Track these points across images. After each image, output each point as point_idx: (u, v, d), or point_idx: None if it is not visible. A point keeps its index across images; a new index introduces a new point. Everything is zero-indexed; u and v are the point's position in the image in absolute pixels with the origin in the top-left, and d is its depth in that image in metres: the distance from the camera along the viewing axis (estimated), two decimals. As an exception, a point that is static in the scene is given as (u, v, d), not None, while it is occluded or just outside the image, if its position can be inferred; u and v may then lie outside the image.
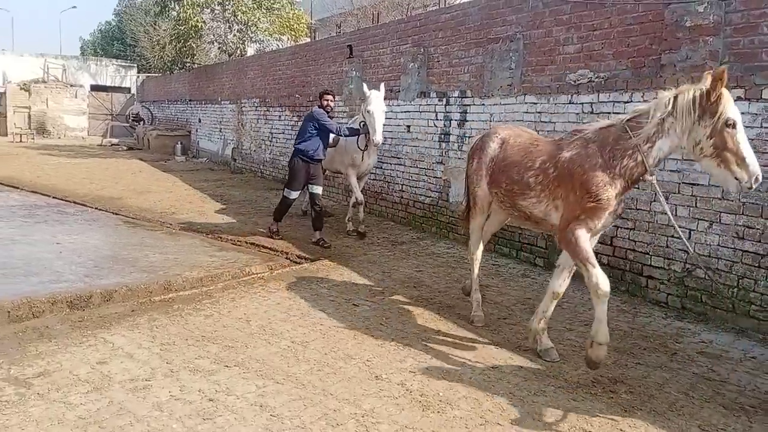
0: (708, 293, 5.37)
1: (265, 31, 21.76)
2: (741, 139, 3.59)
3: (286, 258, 7.26)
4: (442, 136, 8.76)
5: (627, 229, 6.08)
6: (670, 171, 5.64)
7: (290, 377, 3.98)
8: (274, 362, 4.22)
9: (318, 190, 8.03)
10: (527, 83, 7.33)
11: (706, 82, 3.66)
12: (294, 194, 8.06)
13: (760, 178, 3.58)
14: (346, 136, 8.07)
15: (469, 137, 8.22)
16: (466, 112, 8.32)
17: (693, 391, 3.83)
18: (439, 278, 6.49)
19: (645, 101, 5.86)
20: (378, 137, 7.79)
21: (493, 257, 7.53)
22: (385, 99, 7.99)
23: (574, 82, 6.66)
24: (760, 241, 4.98)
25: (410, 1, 19.56)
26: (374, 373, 4.07)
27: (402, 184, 9.68)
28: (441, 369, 4.17)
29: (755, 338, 4.85)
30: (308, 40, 20.22)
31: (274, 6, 21.66)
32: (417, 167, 9.32)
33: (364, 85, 8.18)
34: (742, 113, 5.05)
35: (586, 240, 4.04)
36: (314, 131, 7.83)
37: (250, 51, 22.56)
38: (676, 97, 3.75)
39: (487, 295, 5.88)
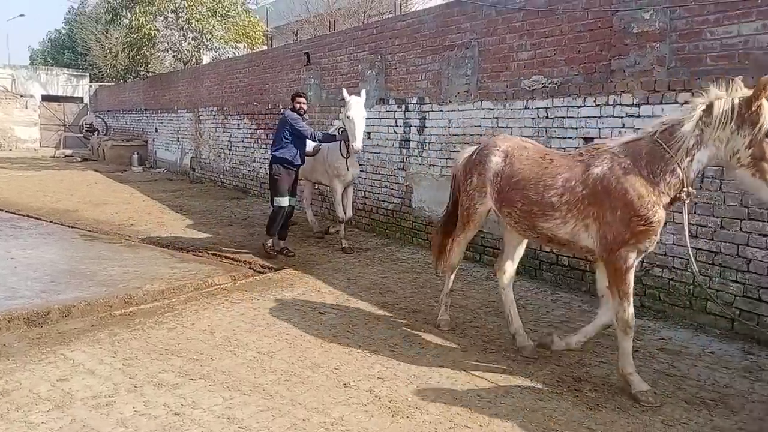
0: (666, 291, 5.54)
1: (220, 38, 21.55)
2: None
3: (250, 268, 7.20)
4: (403, 142, 8.83)
5: (585, 229, 6.23)
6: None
7: (257, 388, 3.96)
8: (240, 373, 4.18)
9: (294, 201, 7.85)
10: (483, 89, 7.46)
11: (740, 89, 3.54)
12: (285, 201, 7.64)
13: None
14: (321, 141, 7.81)
15: (429, 143, 8.31)
16: (425, 119, 8.40)
17: (655, 387, 3.95)
18: (404, 284, 6.53)
19: (597, 105, 6.06)
20: (357, 144, 7.45)
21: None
22: (345, 106, 7.98)
23: (529, 87, 6.81)
24: (712, 239, 5.17)
25: (366, 9, 19.65)
26: (342, 381, 4.08)
27: (365, 191, 9.70)
28: (409, 374, 4.20)
29: (713, 334, 5.02)
30: (265, 47, 20.11)
31: (230, 14, 21.46)
32: (379, 174, 9.36)
33: (344, 91, 7.84)
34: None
35: (633, 269, 3.87)
36: (289, 137, 7.58)
37: (206, 59, 22.29)
38: (710, 106, 3.58)
39: (453, 299, 5.92)
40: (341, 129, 7.78)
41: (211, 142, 15.95)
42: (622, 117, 5.84)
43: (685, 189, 3.67)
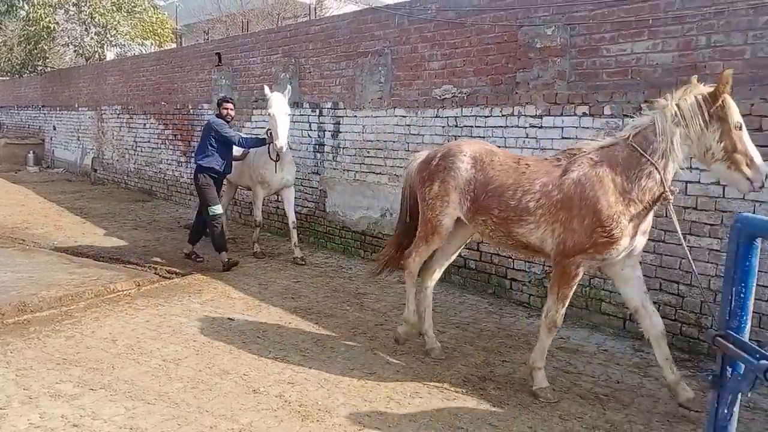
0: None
1: (125, 35, 20.65)
2: (747, 139, 3.54)
3: (155, 273, 6.96)
4: (317, 146, 8.82)
5: (491, 234, 6.47)
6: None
7: (162, 396, 3.83)
8: (144, 382, 4.04)
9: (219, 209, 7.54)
10: (396, 97, 7.59)
11: (698, 87, 3.61)
12: (218, 208, 7.25)
13: None
14: (250, 147, 7.50)
15: (344, 148, 8.35)
16: (339, 124, 8.44)
17: (554, 384, 4.16)
18: (317, 288, 6.52)
19: (503, 116, 6.32)
20: (281, 142, 7.07)
21: (369, 264, 7.68)
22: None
23: (440, 96, 7.00)
24: (605, 243, 5.51)
25: (280, 11, 19.48)
26: (252, 387, 4.03)
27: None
28: (319, 378, 4.21)
29: (607, 332, 5.35)
30: (174, 45, 19.47)
31: (136, 9, 20.61)
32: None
33: (266, 87, 7.53)
34: (587, 128, 5.62)
35: (579, 278, 3.93)
36: (216, 144, 7.24)
37: (110, 55, 21.28)
38: (678, 106, 3.61)
39: (365, 303, 6.01)
40: (269, 130, 7.40)
41: (114, 142, 15.25)
42: (526, 127, 6.13)
43: (666, 190, 3.65)
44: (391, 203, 7.63)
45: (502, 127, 6.34)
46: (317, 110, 8.77)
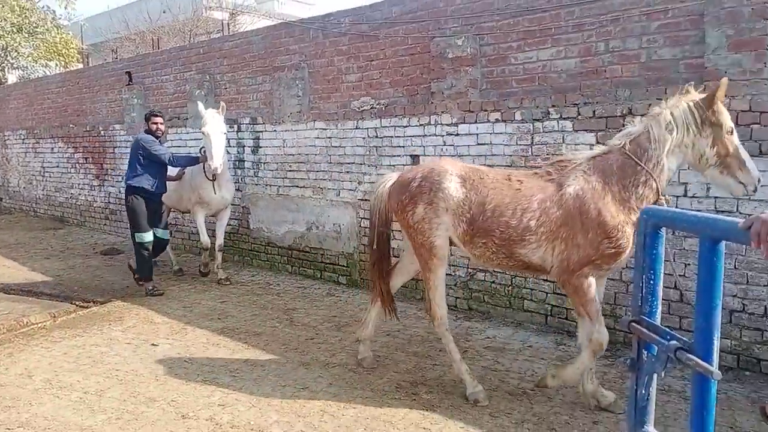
0: (489, 293, 6.02)
1: (28, 56, 19.63)
2: (739, 144, 3.56)
3: (71, 303, 6.62)
4: (237, 162, 8.69)
5: (416, 241, 6.57)
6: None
7: (86, 430, 3.66)
8: (65, 417, 3.84)
9: (165, 234, 7.15)
10: (315, 110, 7.61)
11: (690, 93, 3.62)
12: (147, 235, 6.83)
13: (761, 179, 3.59)
14: (182, 166, 7.10)
15: (265, 163, 8.27)
16: (259, 139, 8.36)
17: (483, 383, 4.25)
18: (244, 307, 6.41)
19: (421, 125, 6.45)
20: (215, 162, 6.68)
21: (298, 280, 7.64)
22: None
23: (358, 108, 7.08)
24: (524, 243, 5.71)
25: (192, 28, 19.08)
26: (180, 413, 3.91)
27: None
28: (251, 398, 4.13)
29: (530, 329, 5.55)
30: (81, 66, 18.66)
31: (38, 30, 19.62)
32: (212, 196, 9.10)
33: (199, 104, 7.17)
34: (500, 134, 5.82)
35: (595, 288, 3.70)
36: (145, 162, 6.77)
37: (12, 78, 20.16)
38: (672, 113, 3.59)
39: (295, 318, 5.96)
40: (203, 149, 7.01)
41: (20, 168, 14.44)
42: (443, 135, 6.28)
43: (661, 198, 3.62)
44: (317, 216, 7.62)
45: (420, 136, 6.47)
46: (235, 126, 8.65)
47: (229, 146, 8.76)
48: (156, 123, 6.98)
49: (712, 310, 1.63)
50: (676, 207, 4.64)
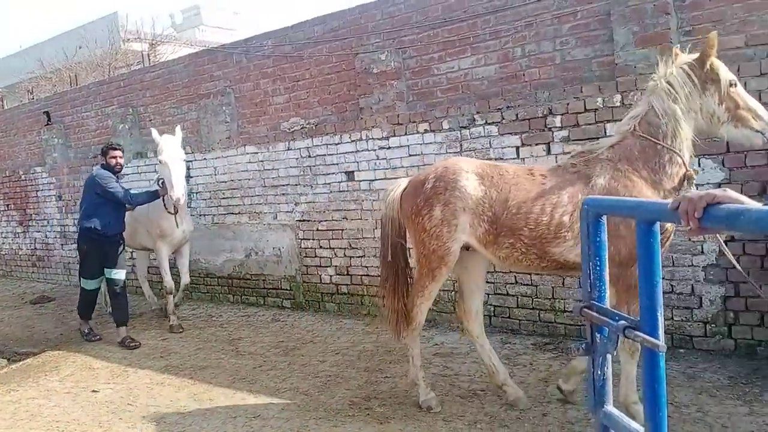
0: (434, 301, 6.03)
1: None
2: (746, 95, 3.44)
3: (3, 358, 6.25)
4: (168, 195, 8.47)
5: (359, 257, 6.58)
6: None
7: (24, 490, 3.45)
8: (1, 479, 3.61)
9: (119, 274, 6.34)
10: (245, 134, 7.53)
11: (680, 57, 3.49)
12: (91, 283, 6.39)
13: None
14: (140, 203, 6.40)
15: (197, 193, 8.10)
16: (189, 168, 8.16)
17: (434, 389, 4.27)
18: (187, 342, 6.22)
19: (353, 141, 6.48)
20: (176, 192, 6.07)
21: (241, 308, 7.49)
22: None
23: (289, 129, 7.05)
24: (463, 248, 5.80)
25: (111, 61, 18.59)
26: (127, 458, 3.75)
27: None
28: (201, 433, 4.01)
29: (475, 331, 5.61)
30: (-5, 109, 17.85)
31: (-55, 74, 18.72)
32: (146, 231, 8.84)
33: (153, 131, 6.57)
34: (430, 143, 5.91)
35: None
36: (100, 200, 6.14)
37: None
38: (669, 81, 3.44)
39: (241, 347, 5.83)
40: (161, 180, 6.40)
41: (-65, 221, 13.62)
42: (375, 150, 6.33)
43: (689, 169, 3.44)
44: (255, 242, 7.51)
45: (353, 152, 6.50)
46: (164, 158, 8.44)
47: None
48: (115, 157, 6.29)
49: (653, 287, 1.69)
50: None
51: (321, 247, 6.89)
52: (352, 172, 6.53)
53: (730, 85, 3.41)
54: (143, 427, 4.19)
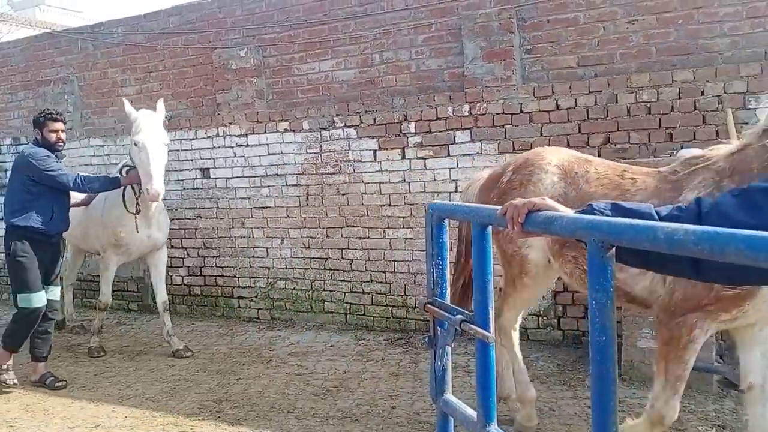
0: (290, 300, 6.06)
1: None
2: None
3: None
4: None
5: (213, 257, 6.40)
6: (242, 198, 6.18)
7: None
8: None
9: (55, 293, 4.77)
10: (89, 126, 7.06)
11: None
12: (38, 297, 4.50)
13: None
14: (95, 191, 4.98)
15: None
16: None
17: (288, 389, 4.29)
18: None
19: (209, 137, 6.29)
20: (155, 185, 4.65)
21: (82, 312, 6.98)
22: (133, 129, 4.98)
23: (140, 122, 6.69)
24: (321, 247, 5.86)
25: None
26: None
27: None
28: (32, 446, 3.70)
29: (331, 329, 5.71)
30: None
31: None
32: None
33: (126, 103, 5.11)
34: (290, 143, 5.90)
35: (697, 348, 2.58)
36: (35, 189, 4.54)
37: None
38: None
39: (80, 354, 5.44)
40: (127, 166, 5.03)
41: None
42: (233, 147, 6.20)
43: None
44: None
45: (209, 148, 6.32)
46: (-8, 148, 7.66)
47: (-12, 170, 7.74)
48: (56, 131, 4.64)
49: (485, 284, 1.86)
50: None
51: (172, 246, 6.59)
52: (208, 169, 6.34)
53: None
54: (-38, 444, 3.78)
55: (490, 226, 1.89)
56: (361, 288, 5.69)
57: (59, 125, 4.68)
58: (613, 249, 1.32)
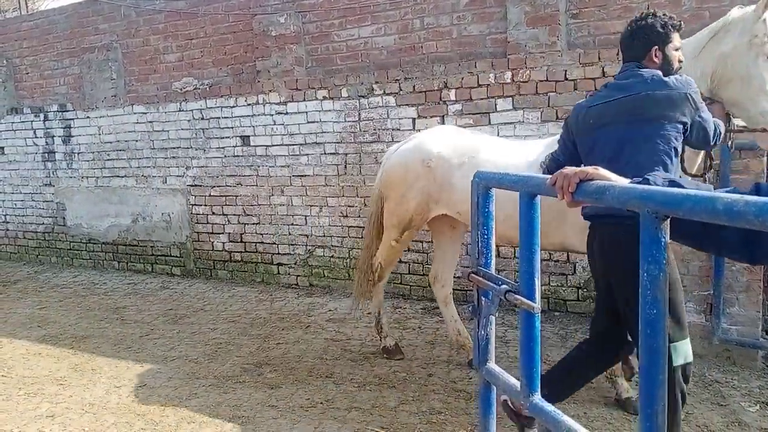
0: (329, 268, 6.11)
1: None
2: None
3: None
4: (47, 155, 7.90)
5: (253, 224, 6.48)
6: (281, 166, 6.21)
7: None
8: None
9: None
10: (133, 93, 7.14)
11: None
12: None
13: None
14: None
15: (79, 153, 7.62)
16: (70, 127, 7.66)
17: (326, 354, 4.35)
18: (67, 311, 5.90)
19: (248, 105, 6.32)
20: None
21: (127, 276, 7.19)
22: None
23: (181, 90, 6.76)
24: (359, 216, 5.88)
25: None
26: (4, 431, 3.54)
27: (5, 215, 8.42)
28: (83, 404, 3.84)
29: (369, 297, 5.73)
30: None
31: None
32: (21, 193, 8.22)
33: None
34: (328, 111, 5.87)
35: None
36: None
37: None
38: None
39: (126, 316, 5.61)
40: None
41: None
42: (272, 115, 6.21)
43: None
44: (143, 206, 7.20)
45: (249, 116, 6.35)
46: (41, 115, 7.85)
47: (36, 138, 7.95)
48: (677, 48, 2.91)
49: (532, 255, 1.83)
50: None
51: (213, 213, 6.72)
52: (248, 136, 6.38)
53: None
54: (20, 400, 3.96)
55: (539, 196, 1.84)
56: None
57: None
58: (668, 220, 1.27)
